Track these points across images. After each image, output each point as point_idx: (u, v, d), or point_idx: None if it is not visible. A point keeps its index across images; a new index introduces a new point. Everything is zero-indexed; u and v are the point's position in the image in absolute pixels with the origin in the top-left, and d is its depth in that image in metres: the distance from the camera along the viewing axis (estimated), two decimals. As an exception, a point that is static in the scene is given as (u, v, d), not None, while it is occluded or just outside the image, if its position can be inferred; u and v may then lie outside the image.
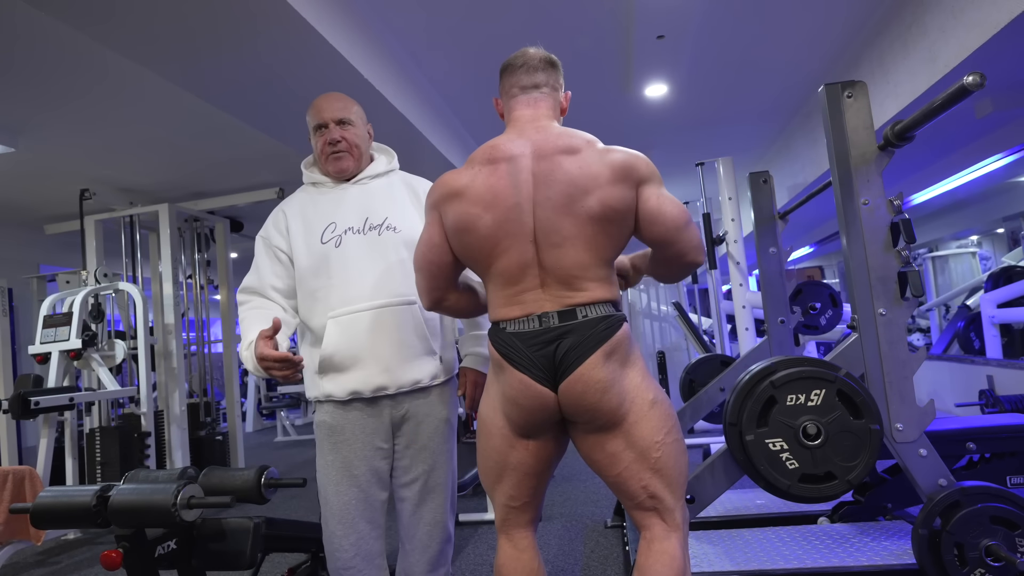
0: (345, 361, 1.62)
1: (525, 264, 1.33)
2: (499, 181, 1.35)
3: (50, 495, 1.66)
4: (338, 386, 1.63)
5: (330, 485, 1.65)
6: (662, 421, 1.34)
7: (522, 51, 1.50)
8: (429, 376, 1.68)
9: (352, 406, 1.65)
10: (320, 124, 1.70)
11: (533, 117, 1.44)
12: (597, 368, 1.28)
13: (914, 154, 4.63)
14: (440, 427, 1.73)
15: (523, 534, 1.45)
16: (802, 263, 11.14)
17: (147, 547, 1.61)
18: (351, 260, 1.65)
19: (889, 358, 1.76)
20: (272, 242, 1.71)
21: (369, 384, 1.62)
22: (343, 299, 1.63)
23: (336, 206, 1.71)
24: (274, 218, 1.76)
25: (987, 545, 1.61)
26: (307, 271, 1.66)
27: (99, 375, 3.90)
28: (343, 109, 1.71)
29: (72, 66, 3.12)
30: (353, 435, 1.65)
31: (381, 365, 1.62)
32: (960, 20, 3.08)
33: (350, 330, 1.62)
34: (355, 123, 1.72)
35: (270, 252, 1.71)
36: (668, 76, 4.33)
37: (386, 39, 3.61)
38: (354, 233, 1.67)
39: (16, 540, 3.10)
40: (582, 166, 1.33)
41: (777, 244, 2.89)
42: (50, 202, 5.28)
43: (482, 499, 3.86)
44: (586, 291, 1.33)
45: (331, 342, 1.62)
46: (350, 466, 1.64)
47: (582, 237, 1.32)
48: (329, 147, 1.69)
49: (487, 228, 1.34)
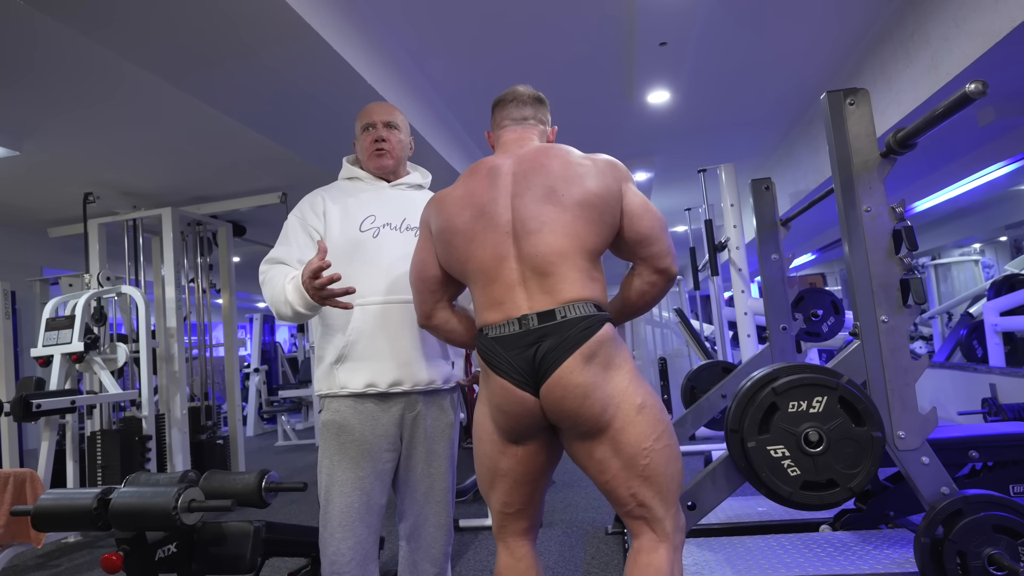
0: (367, 351, 1.62)
1: (501, 257, 1.33)
2: (478, 183, 1.40)
3: (51, 498, 1.66)
4: (355, 377, 1.63)
5: (335, 487, 1.63)
6: (651, 427, 1.28)
7: (512, 88, 1.58)
8: (443, 379, 1.70)
9: (365, 402, 1.64)
10: (369, 124, 1.78)
11: (519, 139, 1.51)
12: (576, 372, 1.24)
13: (916, 162, 4.63)
14: (447, 432, 1.75)
15: (520, 542, 1.44)
16: (804, 270, 11.13)
17: (147, 550, 1.61)
18: (386, 252, 1.67)
19: (891, 365, 1.76)
20: (307, 220, 1.72)
21: (386, 377, 1.62)
22: (373, 288, 1.64)
23: (376, 201, 1.75)
24: (311, 200, 1.77)
25: (990, 554, 1.60)
26: (340, 254, 1.65)
27: (101, 378, 3.90)
28: (391, 114, 1.81)
29: (77, 71, 3.14)
30: (363, 436, 1.64)
31: (401, 359, 1.63)
32: (962, 28, 3.08)
33: (377, 319, 1.62)
34: (400, 128, 1.81)
35: (305, 228, 1.71)
36: (670, 83, 4.34)
37: (389, 44, 3.63)
38: (391, 229, 1.71)
39: (16, 543, 3.10)
40: (564, 164, 1.37)
41: (779, 251, 2.89)
42: (54, 205, 5.30)
43: (482, 505, 3.85)
44: (566, 286, 1.29)
45: (356, 328, 1.62)
46: (357, 468, 1.63)
47: (561, 222, 1.31)
48: (374, 144, 1.76)
49: (465, 223, 1.37)
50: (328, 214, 1.71)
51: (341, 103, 3.40)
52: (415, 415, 1.68)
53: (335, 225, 1.70)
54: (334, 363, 1.65)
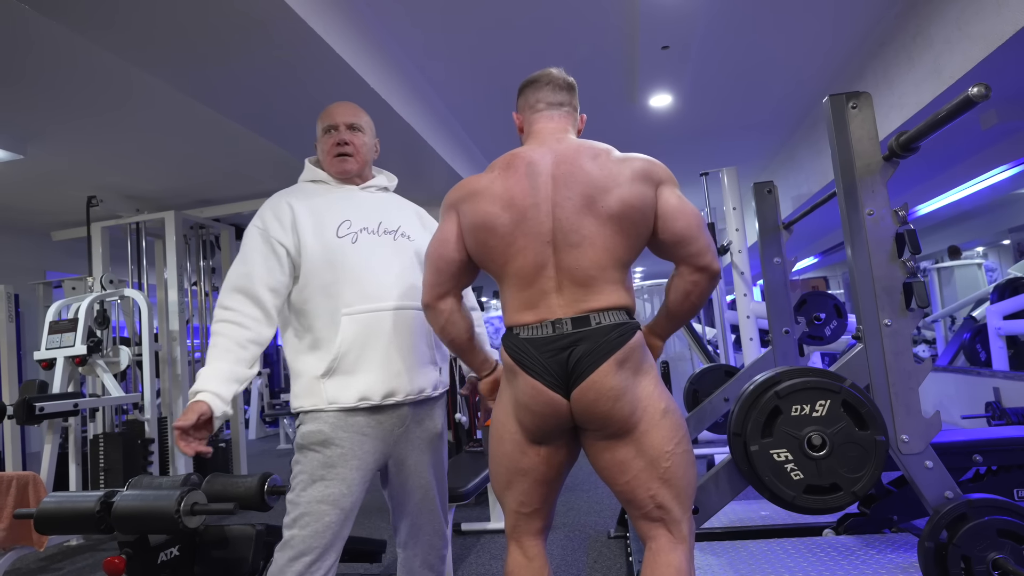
0: (358, 363, 1.55)
1: (541, 265, 1.34)
2: (518, 183, 1.37)
3: (54, 501, 1.66)
4: (345, 391, 1.55)
5: (310, 502, 1.52)
6: (673, 431, 1.33)
7: (546, 70, 1.54)
8: (432, 386, 1.68)
9: (355, 416, 1.57)
10: (331, 126, 1.70)
11: (555, 130, 1.48)
12: (609, 376, 1.28)
13: (919, 165, 4.63)
14: (436, 439, 1.73)
15: (533, 542, 1.44)
16: (806, 273, 11.12)
17: (150, 553, 1.61)
18: (368, 258, 1.61)
19: (894, 369, 1.75)
20: (271, 234, 1.59)
21: (379, 389, 1.56)
22: (361, 296, 1.58)
23: (348, 204, 1.67)
24: (275, 209, 1.63)
25: (994, 558, 1.60)
26: (320, 264, 1.58)
27: (103, 381, 3.90)
28: (355, 115, 1.73)
29: (81, 75, 3.15)
30: (351, 450, 1.55)
31: (393, 369, 1.58)
32: (965, 32, 3.08)
33: (367, 329, 1.57)
34: (364, 131, 1.74)
35: (267, 244, 1.59)
36: (673, 86, 4.34)
37: (392, 49, 3.64)
38: (369, 233, 1.64)
39: (19, 546, 3.10)
40: (602, 167, 1.36)
41: (781, 254, 2.89)
42: (57, 209, 5.32)
43: (485, 508, 3.85)
44: (601, 295, 1.32)
45: (346, 340, 1.55)
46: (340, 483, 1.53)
47: (601, 236, 1.32)
48: (336, 147, 1.69)
49: (504, 228, 1.35)
50: (299, 225, 1.60)
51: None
52: (405, 425, 1.64)
53: (308, 234, 1.59)
54: (321, 376, 1.56)
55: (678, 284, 1.40)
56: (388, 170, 1.88)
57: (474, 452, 3.62)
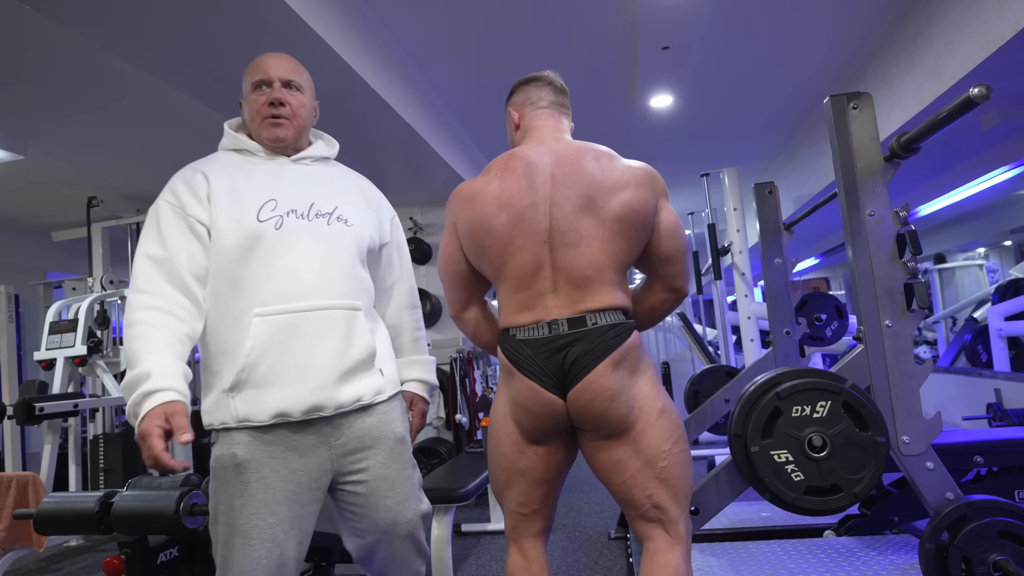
0: (272, 373, 1.30)
1: (538, 265, 1.33)
2: (516, 183, 1.36)
3: (53, 501, 1.66)
4: (257, 407, 1.30)
5: (235, 539, 1.28)
6: (670, 431, 1.33)
7: (544, 72, 1.57)
8: (372, 392, 1.41)
9: (274, 435, 1.32)
10: (263, 81, 1.42)
11: (556, 128, 1.49)
12: (605, 376, 1.27)
13: (920, 166, 4.63)
14: (396, 449, 1.44)
15: (533, 544, 1.44)
16: (807, 274, 11.11)
17: (149, 554, 1.61)
18: (294, 248, 1.36)
19: (895, 370, 1.75)
20: (188, 211, 1.34)
21: (301, 403, 1.31)
22: (279, 294, 1.32)
23: (275, 181, 1.41)
24: (187, 180, 1.38)
25: (995, 560, 1.59)
26: (234, 253, 1.32)
27: (103, 382, 3.90)
28: (294, 71, 1.47)
29: (81, 74, 3.15)
30: (275, 472, 1.31)
31: (317, 380, 1.32)
32: (966, 33, 3.08)
33: (284, 333, 1.31)
34: (304, 90, 1.48)
35: (183, 223, 1.33)
36: (673, 87, 4.34)
37: (392, 49, 3.64)
38: (298, 217, 1.38)
39: (18, 546, 3.10)
40: (604, 169, 1.36)
41: (782, 255, 2.89)
42: (57, 209, 5.32)
43: (484, 510, 3.84)
44: (598, 296, 1.32)
45: (257, 346, 1.30)
46: (267, 514, 1.29)
47: (599, 237, 1.32)
48: (269, 108, 1.41)
49: (501, 227, 1.34)
50: (214, 199, 1.34)
51: (344, 107, 3.41)
52: (347, 443, 1.38)
53: (224, 214, 1.33)
54: (228, 390, 1.31)
55: (647, 298, 1.47)
56: (388, 171, 1.82)
57: (474, 453, 3.61)
